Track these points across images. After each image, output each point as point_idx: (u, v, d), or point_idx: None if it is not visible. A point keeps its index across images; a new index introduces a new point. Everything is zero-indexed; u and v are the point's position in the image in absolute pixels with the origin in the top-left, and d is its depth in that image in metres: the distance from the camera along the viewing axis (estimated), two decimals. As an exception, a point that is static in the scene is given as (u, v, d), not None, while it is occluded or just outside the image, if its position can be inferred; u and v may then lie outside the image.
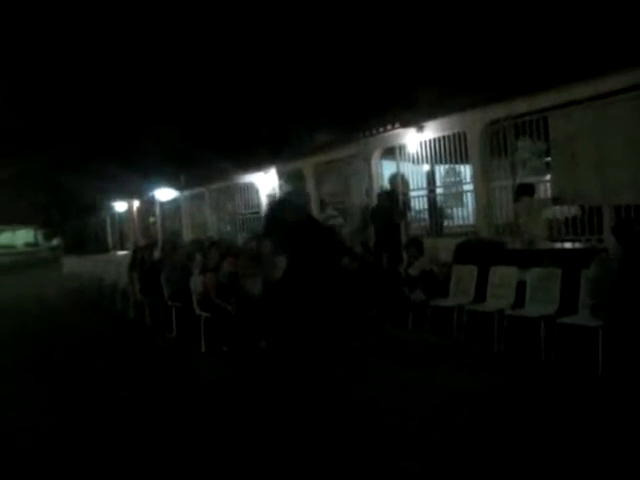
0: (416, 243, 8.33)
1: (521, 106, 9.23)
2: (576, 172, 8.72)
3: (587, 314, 5.70)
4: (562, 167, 9.05)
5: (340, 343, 4.84)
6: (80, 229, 33.49)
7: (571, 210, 9.45)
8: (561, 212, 9.54)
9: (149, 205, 24.66)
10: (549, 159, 9.99)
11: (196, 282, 8.00)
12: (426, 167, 12.46)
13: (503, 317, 6.54)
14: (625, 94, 7.91)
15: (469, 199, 11.66)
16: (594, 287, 5.70)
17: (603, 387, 5.11)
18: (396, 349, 7.05)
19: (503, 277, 7.04)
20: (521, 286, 6.90)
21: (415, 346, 7.12)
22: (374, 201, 12.10)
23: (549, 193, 9.56)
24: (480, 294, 7.31)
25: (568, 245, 8.54)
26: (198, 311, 7.82)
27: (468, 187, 12.12)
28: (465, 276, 7.57)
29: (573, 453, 3.96)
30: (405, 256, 8.46)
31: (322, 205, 13.20)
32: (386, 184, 13.19)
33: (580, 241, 8.74)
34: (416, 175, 12.76)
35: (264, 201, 17.22)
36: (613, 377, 5.19)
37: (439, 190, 12.82)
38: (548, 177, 9.92)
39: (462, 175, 13.93)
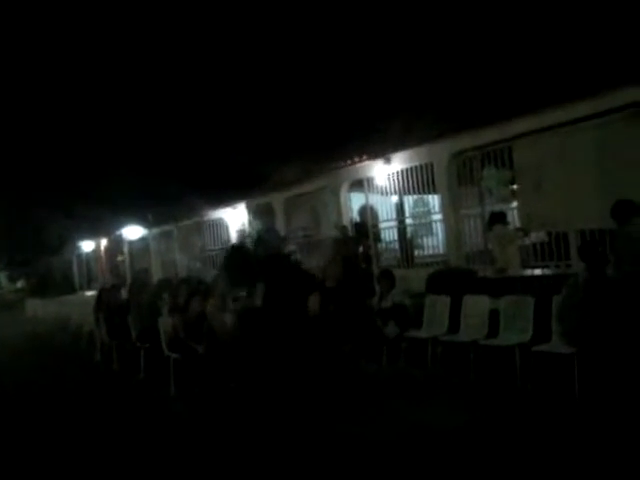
0: (388, 275, 8.25)
1: (486, 136, 9.38)
2: (541, 199, 8.85)
3: (560, 341, 5.67)
4: (528, 194, 9.18)
5: (314, 379, 4.69)
6: (46, 270, 32.73)
7: (539, 236, 9.55)
8: (530, 238, 9.64)
9: (117, 244, 24.29)
10: (514, 187, 10.15)
11: (165, 322, 7.77)
12: (395, 198, 12.54)
13: (478, 347, 6.48)
14: (587, 122, 8.10)
15: (439, 228, 11.75)
16: (564, 313, 5.68)
17: (581, 412, 5.06)
18: (371, 384, 6.92)
19: (475, 306, 7.01)
20: (494, 314, 6.86)
21: (391, 380, 6.99)
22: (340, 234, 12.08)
23: (516, 220, 9.68)
24: (454, 324, 7.25)
25: (538, 272, 8.58)
26: (167, 352, 7.57)
27: (437, 217, 12.23)
28: (438, 307, 7.51)
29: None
30: (377, 289, 8.36)
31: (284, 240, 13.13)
32: (355, 216, 13.23)
33: (549, 267, 8.81)
34: (385, 206, 12.83)
35: (234, 237, 17.09)
36: (590, 402, 5.14)
37: (409, 220, 12.89)
38: (515, 204, 10.06)
39: (431, 205, 14.11)
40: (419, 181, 11.17)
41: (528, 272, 8.82)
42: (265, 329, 4.42)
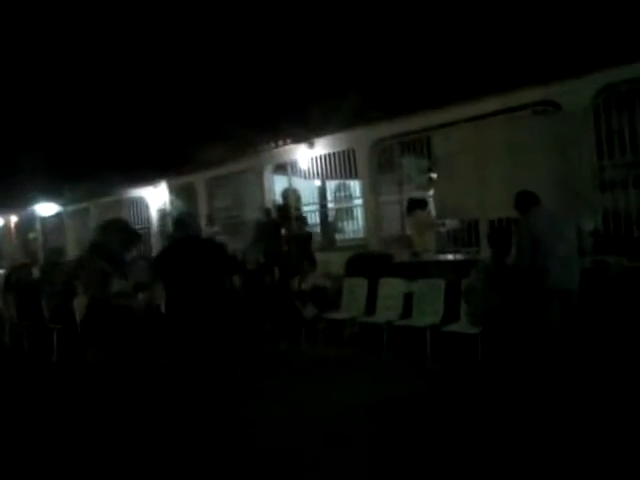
0: (309, 257, 8.42)
1: (406, 125, 9.70)
2: (455, 188, 9.27)
3: (467, 322, 6.04)
4: (443, 183, 9.59)
5: (233, 358, 4.77)
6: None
7: (453, 223, 10.02)
8: (445, 225, 10.09)
9: (29, 220, 23.11)
10: (432, 175, 10.57)
11: (80, 302, 7.58)
12: (317, 183, 12.73)
13: (392, 328, 6.78)
14: (497, 116, 8.56)
15: (359, 213, 12.06)
16: (470, 295, 6.05)
17: (482, 388, 5.43)
18: (290, 363, 7.09)
19: (391, 289, 7.31)
20: (409, 297, 7.19)
21: (308, 360, 7.18)
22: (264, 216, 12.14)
23: (432, 208, 10.11)
24: (371, 306, 7.53)
25: (450, 257, 9.01)
26: (79, 332, 7.39)
27: (358, 202, 12.53)
28: (356, 289, 7.77)
29: (455, 454, 4.17)
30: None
31: (209, 220, 13.03)
32: (278, 199, 13.30)
33: (461, 252, 9.28)
34: (308, 190, 12.99)
35: (154, 216, 16.73)
36: (491, 379, 5.53)
37: (331, 205, 13.12)
38: (431, 192, 10.48)
39: (352, 190, 14.43)
40: (341, 166, 11.37)
41: (441, 257, 9.25)
42: (182, 312, 4.43)
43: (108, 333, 5.13)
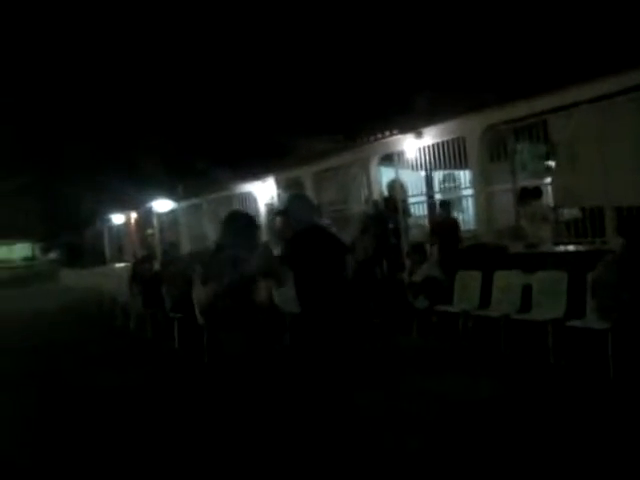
0: (419, 249, 8.27)
1: (520, 109, 9.21)
2: (577, 174, 8.70)
3: (595, 317, 5.64)
4: (563, 169, 9.03)
5: (350, 350, 4.75)
6: (77, 242, 33.36)
7: (572, 212, 9.42)
8: (564, 215, 9.51)
9: (147, 217, 24.56)
10: (549, 162, 10.00)
11: (198, 292, 7.91)
12: (423, 173, 12.45)
13: (509, 322, 6.48)
14: (625, 95, 7.91)
15: (469, 204, 11.66)
16: (600, 289, 5.64)
17: (615, 390, 5.05)
18: (402, 356, 6.98)
19: (508, 281, 7.00)
20: (526, 290, 6.85)
21: (422, 353, 7.05)
22: (370, 209, 12.06)
23: (550, 196, 9.55)
24: (484, 299, 7.25)
25: (571, 248, 8.48)
26: (201, 322, 7.73)
27: (467, 192, 12.12)
28: (469, 282, 7.52)
29: (588, 457, 3.89)
30: (408, 263, 8.39)
31: (318, 213, 13.13)
32: (384, 191, 13.17)
33: (582, 244, 8.70)
34: (414, 181, 12.74)
35: (262, 210, 17.18)
36: (625, 379, 5.13)
37: (438, 196, 12.79)
38: (548, 180, 9.91)
39: (460, 180, 13.98)
40: (450, 156, 11.05)
41: (561, 248, 8.73)
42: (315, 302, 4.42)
43: (237, 320, 5.25)
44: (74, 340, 10.82)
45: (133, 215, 26.11)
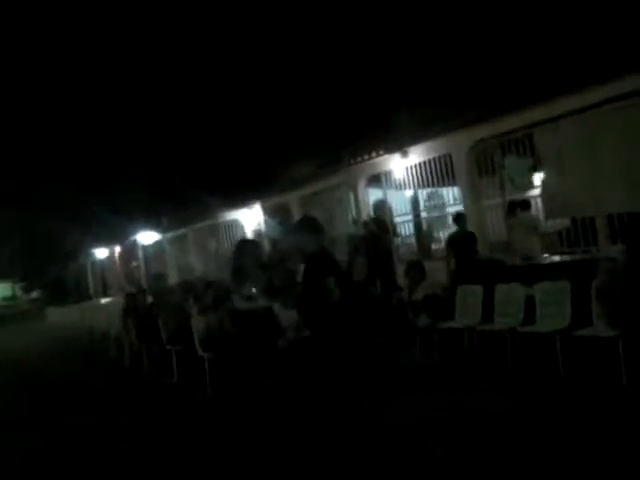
0: (417, 267, 8.26)
1: (506, 124, 9.33)
2: (566, 185, 8.80)
3: (602, 325, 5.64)
4: (551, 181, 9.14)
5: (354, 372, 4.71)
6: (60, 279, 32.86)
7: (562, 222, 9.50)
8: (552, 225, 9.60)
9: (131, 249, 24.35)
10: (537, 174, 10.11)
11: (197, 323, 7.80)
12: (409, 192, 12.52)
13: (515, 335, 6.46)
14: (610, 104, 8.05)
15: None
16: (605, 296, 5.67)
17: (630, 396, 5.03)
18: (408, 375, 6.91)
19: (509, 294, 6.98)
20: (527, 302, 6.84)
21: (427, 371, 6.99)
22: (361, 229, 12.07)
23: (540, 208, 9.64)
24: (486, 314, 7.23)
25: (567, 258, 8.54)
26: (201, 352, 7.60)
27: (452, 209, 12.22)
28: (470, 296, 7.49)
29: (607, 466, 3.84)
30: (406, 281, 8.36)
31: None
32: (370, 212, 13.20)
33: (575, 253, 8.76)
34: (399, 201, 12.81)
35: (250, 237, 17.10)
36: (638, 385, 5.11)
37: (424, 214, 12.88)
38: (536, 192, 10.02)
39: (445, 198, 14.10)
40: (437, 173, 11.14)
41: (556, 258, 8.79)
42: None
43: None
44: (66, 376, 10.57)
45: (117, 248, 25.86)
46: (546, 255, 9.07)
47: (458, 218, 9.43)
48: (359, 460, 4.52)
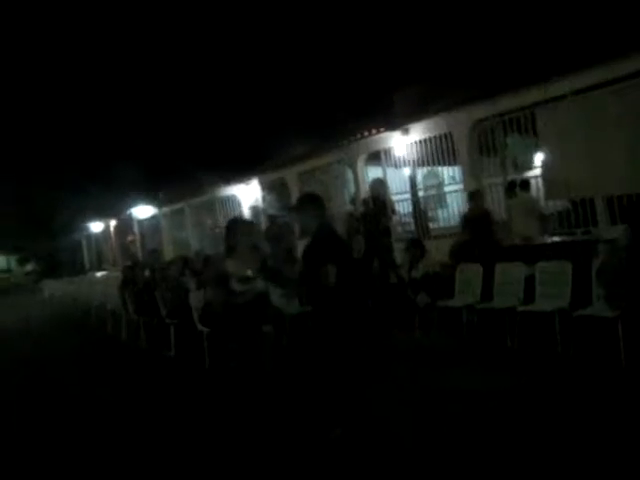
0: (418, 244, 8.25)
1: (507, 103, 9.29)
2: (567, 165, 8.78)
3: (602, 305, 5.67)
4: (552, 161, 9.11)
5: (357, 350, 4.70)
6: (54, 252, 32.77)
7: (562, 203, 9.50)
8: (553, 206, 9.60)
9: (127, 223, 24.25)
10: (538, 154, 10.07)
11: (196, 297, 7.79)
12: (406, 171, 12.46)
13: (514, 314, 6.49)
14: (610, 86, 8.00)
15: (454, 200, 11.75)
16: (606, 277, 5.69)
17: (629, 377, 5.07)
18: (408, 353, 6.95)
19: (510, 274, 6.99)
20: (528, 282, 6.86)
21: (427, 349, 7.02)
22: (360, 207, 12.03)
23: (540, 188, 9.62)
24: (486, 293, 7.25)
25: (567, 238, 8.56)
26: (200, 327, 7.60)
27: (450, 188, 12.20)
28: (470, 275, 7.51)
29: (605, 447, 3.89)
30: (407, 258, 8.35)
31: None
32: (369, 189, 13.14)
33: (575, 234, 8.78)
34: (396, 179, 12.76)
35: (247, 213, 17.05)
36: (637, 366, 5.15)
37: (422, 193, 12.84)
38: (537, 172, 9.99)
39: (442, 177, 14.08)
40: (437, 152, 11.09)
41: (555, 239, 8.80)
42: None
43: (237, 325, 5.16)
44: (65, 350, 10.58)
45: (112, 222, 25.76)
46: (546, 236, 9.07)
47: (473, 195, 8.93)
48: (354, 439, 4.54)
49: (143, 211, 22.18)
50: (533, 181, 9.78)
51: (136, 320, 9.82)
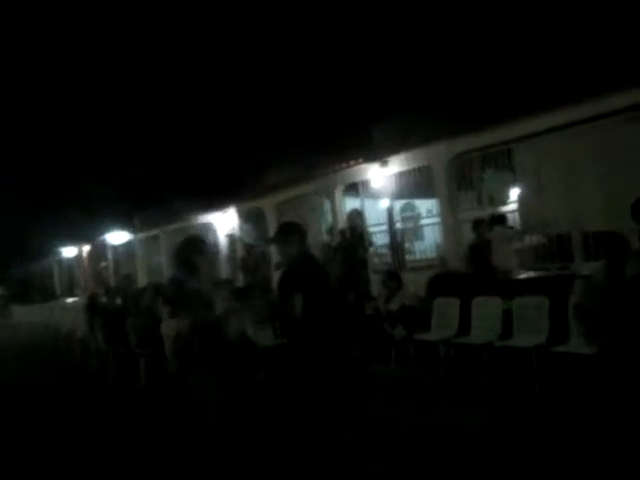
0: (395, 277, 8.17)
1: (486, 138, 9.37)
2: (544, 200, 8.86)
3: (580, 342, 5.62)
4: (530, 196, 9.19)
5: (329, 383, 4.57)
6: (26, 277, 32.03)
7: (538, 238, 9.55)
8: (529, 241, 9.63)
9: (101, 249, 23.86)
10: (514, 189, 10.17)
11: (167, 326, 7.55)
12: (384, 203, 12.50)
13: (492, 349, 6.41)
14: (588, 124, 8.13)
15: (431, 232, 11.79)
16: (583, 314, 5.64)
17: (606, 416, 5.00)
18: (381, 387, 6.80)
19: (487, 308, 6.94)
20: (505, 317, 6.81)
21: (402, 383, 6.89)
22: (337, 238, 11.98)
23: (517, 223, 9.67)
24: (463, 327, 7.18)
25: (545, 273, 8.57)
26: (171, 364, 7.33)
27: (427, 221, 12.26)
28: (447, 309, 7.44)
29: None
30: (383, 290, 8.27)
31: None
32: (347, 220, 13.12)
33: (550, 269, 8.80)
34: (374, 211, 12.77)
35: (223, 241, 16.89)
36: (615, 404, 5.08)
37: (399, 225, 12.86)
38: (514, 207, 10.06)
39: (418, 209, 14.18)
40: (416, 184, 11.13)
41: (533, 274, 8.81)
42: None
43: (211, 358, 4.99)
44: (26, 380, 10.16)
45: (86, 248, 25.32)
46: (523, 270, 9.08)
47: (477, 225, 8.48)
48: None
49: (117, 237, 21.85)
50: (511, 215, 9.83)
51: (105, 349, 9.52)
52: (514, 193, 10.27)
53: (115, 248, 22.85)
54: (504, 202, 10.46)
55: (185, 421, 6.13)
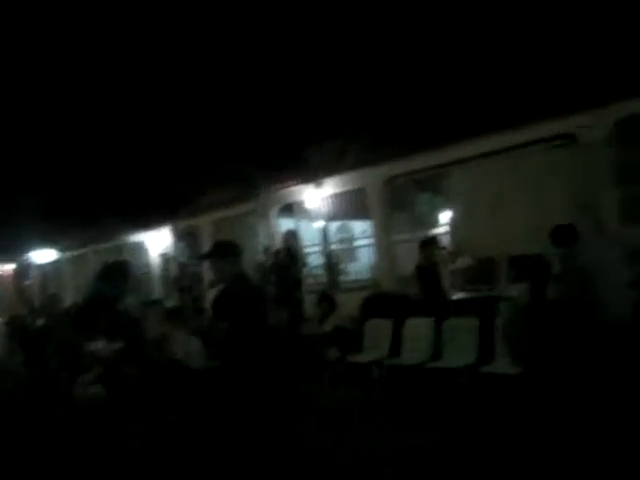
0: (328, 298, 8.18)
1: (420, 162, 9.58)
2: (472, 224, 9.14)
3: (505, 362, 5.77)
4: (460, 220, 9.46)
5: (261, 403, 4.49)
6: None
7: (464, 260, 9.81)
8: (460, 262, 9.88)
9: (25, 268, 22.76)
10: (446, 212, 10.45)
11: (99, 349, 7.25)
12: (318, 224, 12.57)
13: (422, 370, 6.48)
14: (516, 150, 8.47)
15: (364, 254, 11.94)
16: (509, 334, 5.81)
17: (528, 435, 5.12)
18: (312, 409, 6.73)
19: (418, 329, 7.05)
20: (435, 337, 6.92)
21: (334, 404, 6.84)
22: (271, 258, 11.91)
23: (448, 245, 9.92)
24: (395, 348, 7.25)
25: (473, 294, 8.78)
26: (95, 381, 7.04)
27: (361, 242, 12.42)
28: (379, 330, 7.50)
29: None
30: (317, 312, 8.25)
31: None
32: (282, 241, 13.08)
33: (477, 290, 9.03)
34: (308, 232, 12.82)
35: (156, 261, 16.49)
36: (539, 424, 5.22)
37: (334, 246, 12.95)
38: (445, 230, 10.34)
39: (353, 231, 14.35)
40: (351, 206, 11.24)
41: (460, 295, 9.01)
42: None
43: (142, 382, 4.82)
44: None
45: (9, 266, 24.12)
46: (454, 291, 9.29)
47: (425, 245, 8.08)
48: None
49: (44, 255, 20.94)
50: (443, 238, 10.06)
51: (25, 373, 8.99)
52: (446, 216, 10.54)
53: (41, 267, 21.90)
54: (436, 225, 10.70)
55: (107, 448, 5.88)
